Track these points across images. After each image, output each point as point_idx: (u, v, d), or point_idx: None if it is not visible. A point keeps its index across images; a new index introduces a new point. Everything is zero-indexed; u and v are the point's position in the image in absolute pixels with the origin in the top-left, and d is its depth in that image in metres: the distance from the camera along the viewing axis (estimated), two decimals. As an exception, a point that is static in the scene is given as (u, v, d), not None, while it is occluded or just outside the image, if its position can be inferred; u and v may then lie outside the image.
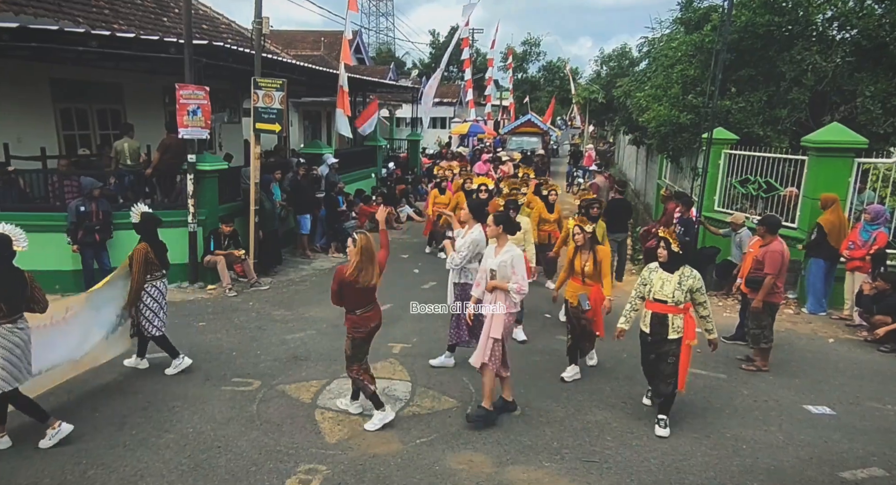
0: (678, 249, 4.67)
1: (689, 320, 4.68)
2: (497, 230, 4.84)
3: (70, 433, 4.42)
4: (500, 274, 4.75)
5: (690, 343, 4.67)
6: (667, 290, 4.67)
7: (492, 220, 4.88)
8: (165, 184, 9.01)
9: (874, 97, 9.25)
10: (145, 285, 5.41)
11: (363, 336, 4.71)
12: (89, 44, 7.59)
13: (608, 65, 25.44)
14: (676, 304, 4.62)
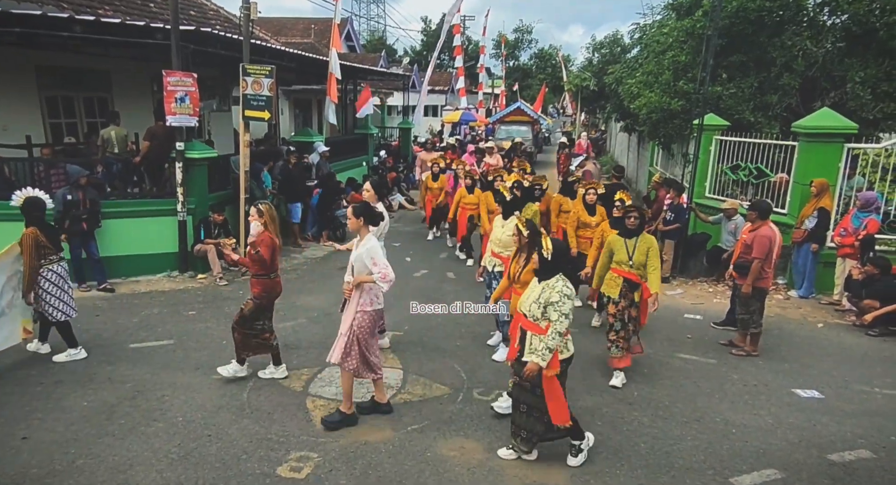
0: (548, 254, 3.95)
1: None
2: (357, 223, 4.49)
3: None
4: (357, 269, 4.43)
5: (549, 374, 3.84)
6: (525, 301, 4.02)
7: (351, 211, 4.52)
8: (154, 172, 8.91)
9: (864, 83, 9.26)
10: (41, 270, 5.40)
11: (267, 300, 5.12)
12: (74, 29, 7.45)
13: (600, 52, 25.30)
14: (534, 320, 3.89)
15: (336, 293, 7.86)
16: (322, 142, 12.67)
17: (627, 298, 5.28)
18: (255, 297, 5.07)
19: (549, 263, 3.96)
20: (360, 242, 4.50)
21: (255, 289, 5.07)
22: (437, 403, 5.01)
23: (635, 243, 5.23)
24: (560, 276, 3.92)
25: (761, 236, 5.94)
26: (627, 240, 5.25)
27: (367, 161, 16.32)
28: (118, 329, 6.40)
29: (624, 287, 5.28)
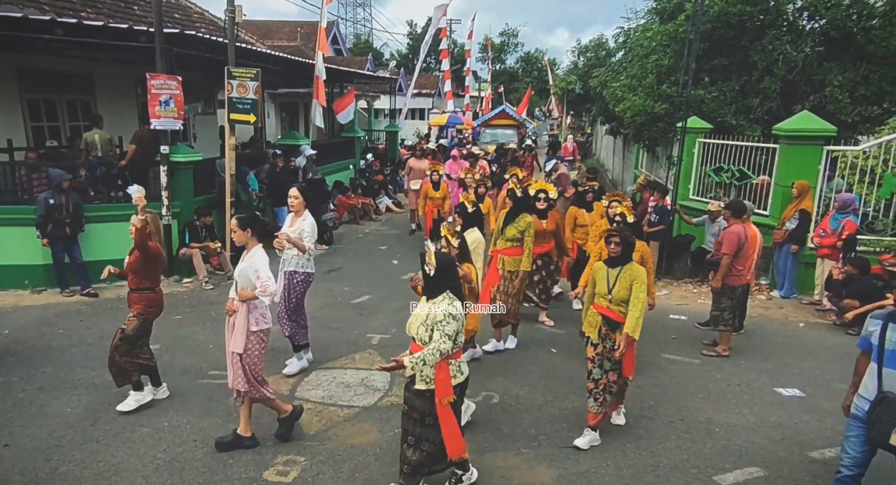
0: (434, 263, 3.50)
1: (443, 369, 3.45)
2: (244, 235, 4.24)
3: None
4: (240, 284, 4.18)
5: (443, 402, 3.47)
6: (413, 323, 3.60)
7: (235, 223, 4.30)
8: (138, 176, 8.84)
9: (842, 86, 9.45)
10: None
11: (153, 316, 4.83)
12: (56, 32, 7.39)
13: (585, 56, 25.55)
14: (423, 344, 3.49)
15: (322, 297, 7.88)
16: (308, 145, 12.64)
17: (609, 339, 4.37)
18: (140, 313, 4.68)
19: (433, 280, 3.52)
20: (247, 256, 4.22)
21: (139, 305, 4.69)
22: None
23: (618, 274, 4.32)
24: (447, 294, 3.49)
25: (730, 233, 6.06)
26: (610, 269, 4.37)
27: (353, 164, 16.31)
28: (102, 334, 6.33)
29: (604, 326, 4.39)
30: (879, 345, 3.35)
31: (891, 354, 3.30)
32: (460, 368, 3.60)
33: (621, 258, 4.37)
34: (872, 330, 3.44)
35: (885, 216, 8.25)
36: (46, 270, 7.70)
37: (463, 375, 3.61)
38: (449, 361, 3.49)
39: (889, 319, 3.36)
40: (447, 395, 3.47)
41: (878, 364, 3.34)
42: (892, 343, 3.30)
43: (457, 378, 3.55)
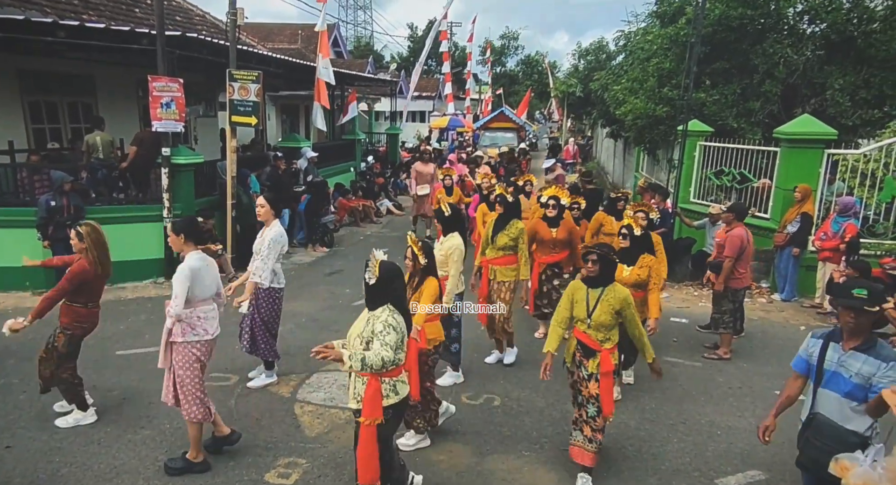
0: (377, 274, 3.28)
1: (371, 385, 3.21)
2: (178, 241, 4.02)
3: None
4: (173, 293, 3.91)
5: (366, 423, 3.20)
6: (351, 335, 3.37)
7: (170, 227, 4.10)
8: (139, 178, 8.86)
9: (843, 90, 9.46)
10: None
11: (82, 333, 4.49)
12: (57, 34, 7.40)
13: (586, 59, 25.52)
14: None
15: (323, 299, 7.88)
16: (309, 147, 12.65)
17: (584, 367, 3.93)
18: (66, 327, 4.38)
19: (373, 290, 3.28)
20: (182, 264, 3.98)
21: (66, 318, 4.37)
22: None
23: (599, 296, 3.87)
24: (388, 306, 3.26)
25: (734, 236, 6.07)
26: (591, 290, 3.92)
27: (354, 167, 16.33)
28: (104, 336, 6.32)
29: (578, 352, 3.97)
30: (818, 365, 3.12)
31: (831, 376, 3.06)
32: (395, 387, 3.28)
33: (601, 278, 3.90)
34: (812, 350, 3.18)
35: (886, 220, 8.25)
36: (47, 273, 7.69)
37: (398, 396, 3.29)
38: (382, 379, 3.21)
39: (829, 338, 3.14)
40: (373, 416, 3.18)
41: (815, 384, 3.14)
42: (831, 363, 3.07)
43: (389, 398, 3.24)
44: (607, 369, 3.86)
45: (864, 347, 2.99)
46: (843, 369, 3.01)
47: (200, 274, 3.97)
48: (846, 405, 3.00)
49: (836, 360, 3.05)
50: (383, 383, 3.22)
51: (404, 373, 3.39)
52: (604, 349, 3.87)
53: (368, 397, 3.19)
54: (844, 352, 3.04)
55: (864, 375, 2.94)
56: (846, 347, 3.04)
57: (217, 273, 4.23)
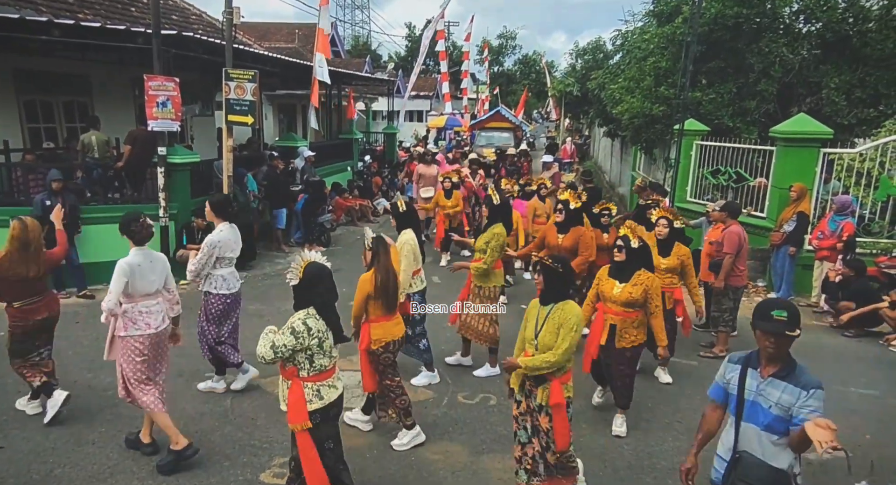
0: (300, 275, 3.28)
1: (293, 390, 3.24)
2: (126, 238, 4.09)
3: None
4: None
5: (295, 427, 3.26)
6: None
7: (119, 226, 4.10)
8: (135, 177, 8.84)
9: (838, 89, 9.48)
10: None
11: (22, 330, 4.46)
12: (52, 33, 7.38)
13: (583, 58, 25.54)
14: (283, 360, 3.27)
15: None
16: (306, 147, 12.64)
17: (533, 397, 3.57)
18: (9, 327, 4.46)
19: (296, 290, 3.27)
20: None
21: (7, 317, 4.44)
22: (422, 407, 5.01)
23: (548, 314, 3.52)
24: (308, 310, 3.22)
25: (731, 233, 6.08)
26: (542, 307, 3.59)
27: (351, 166, 16.32)
28: (99, 336, 6.30)
29: (527, 380, 3.58)
30: (738, 394, 2.74)
31: (752, 407, 2.69)
32: (319, 392, 3.24)
33: (548, 294, 3.53)
34: (730, 377, 2.81)
35: (882, 218, 8.28)
36: (43, 272, 7.67)
37: (322, 400, 3.23)
38: (305, 384, 3.20)
39: (748, 362, 2.77)
40: (299, 421, 3.18)
41: (737, 417, 2.75)
42: (751, 393, 2.70)
43: (313, 404, 3.20)
44: (557, 400, 3.42)
45: (783, 373, 2.64)
46: (762, 398, 2.66)
47: (142, 270, 3.99)
48: (766, 439, 2.65)
49: (755, 388, 2.70)
50: (306, 388, 3.22)
51: (333, 378, 3.35)
52: (554, 378, 3.44)
53: (291, 402, 3.20)
54: (763, 379, 2.68)
55: (784, 405, 2.58)
56: (764, 374, 2.68)
57: (166, 269, 4.22)
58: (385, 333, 4.26)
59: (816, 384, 2.58)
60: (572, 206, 5.87)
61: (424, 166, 11.17)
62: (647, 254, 4.54)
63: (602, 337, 4.50)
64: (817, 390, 2.56)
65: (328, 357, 3.27)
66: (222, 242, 4.96)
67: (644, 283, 4.40)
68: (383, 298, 4.20)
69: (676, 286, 5.53)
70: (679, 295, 5.54)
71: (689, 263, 5.46)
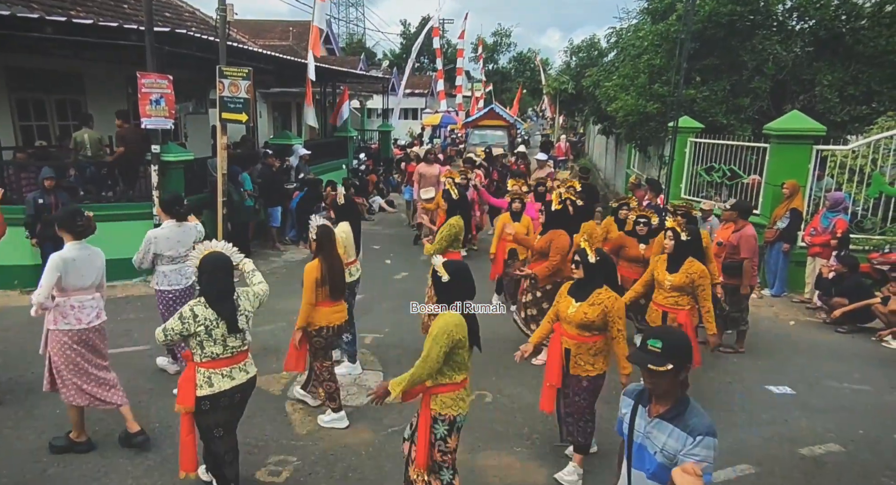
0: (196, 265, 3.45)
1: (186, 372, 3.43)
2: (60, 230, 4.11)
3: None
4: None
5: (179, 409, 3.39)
6: None
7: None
8: (128, 175, 8.80)
9: (831, 86, 9.53)
10: None
11: None
12: (45, 30, 7.32)
13: (577, 56, 25.54)
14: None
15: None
16: (301, 144, 12.60)
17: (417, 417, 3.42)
18: None
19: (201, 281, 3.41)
20: None
21: None
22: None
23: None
24: (199, 299, 3.34)
25: (748, 236, 6.08)
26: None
27: (346, 164, 16.28)
28: (92, 335, 6.29)
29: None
30: (628, 435, 2.43)
31: (639, 450, 2.38)
32: (210, 379, 3.32)
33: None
34: (624, 412, 2.50)
35: (874, 215, 8.32)
36: (36, 271, 7.55)
37: (212, 387, 3.32)
38: (198, 369, 3.32)
39: (639, 398, 2.43)
40: (184, 403, 3.30)
41: (627, 461, 2.45)
42: (640, 434, 2.38)
43: (203, 389, 3.30)
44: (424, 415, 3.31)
45: (671, 414, 2.29)
46: (649, 441, 2.33)
47: (76, 264, 3.99)
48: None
49: (643, 429, 2.37)
50: (199, 373, 3.33)
51: (233, 368, 3.42)
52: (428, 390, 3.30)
53: (181, 382, 3.35)
54: (650, 420, 2.35)
55: (669, 452, 2.25)
56: (652, 414, 2.35)
57: (101, 264, 4.23)
58: (321, 318, 4.47)
59: (706, 430, 2.20)
60: (553, 207, 5.68)
61: (425, 166, 10.88)
62: (609, 269, 4.07)
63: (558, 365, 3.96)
64: (706, 438, 2.19)
65: (221, 346, 3.34)
66: (159, 237, 5.07)
67: (603, 303, 3.77)
68: (329, 285, 4.43)
69: (683, 308, 4.75)
70: (683, 318, 4.71)
71: (703, 284, 4.64)
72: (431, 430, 3.26)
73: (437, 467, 3.32)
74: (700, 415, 2.25)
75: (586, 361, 3.89)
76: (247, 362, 3.53)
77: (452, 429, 3.27)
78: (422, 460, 3.26)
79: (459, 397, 3.28)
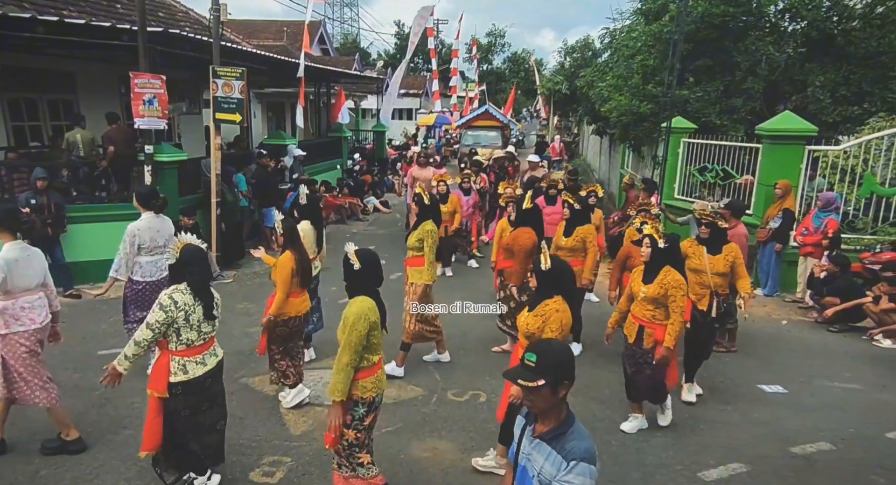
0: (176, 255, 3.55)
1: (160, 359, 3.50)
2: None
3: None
4: None
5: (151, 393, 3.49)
6: None
7: None
8: (121, 175, 8.76)
9: (823, 87, 9.59)
10: None
11: None
12: (36, 30, 7.29)
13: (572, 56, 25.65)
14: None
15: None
16: (295, 145, 12.59)
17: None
18: None
19: (171, 270, 3.54)
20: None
21: None
22: (411, 404, 5.02)
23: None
24: (176, 286, 3.45)
25: (740, 235, 6.11)
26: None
27: (340, 164, 16.27)
28: (85, 336, 6.27)
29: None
30: (514, 456, 2.29)
31: (522, 473, 2.23)
32: (185, 367, 3.43)
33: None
34: (516, 432, 2.36)
35: (865, 215, 8.38)
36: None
37: (187, 374, 3.41)
38: (172, 357, 3.41)
39: (528, 420, 2.28)
40: (156, 388, 3.39)
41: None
42: (524, 456, 2.23)
43: (177, 376, 3.41)
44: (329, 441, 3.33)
45: (551, 435, 2.13)
46: (530, 464, 2.19)
47: (19, 265, 3.92)
48: None
49: (526, 450, 2.23)
50: (173, 361, 3.42)
51: (205, 354, 3.53)
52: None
53: (154, 369, 3.43)
54: (531, 441, 2.21)
55: (545, 478, 2.09)
56: (535, 434, 2.21)
57: (43, 263, 4.19)
58: (292, 308, 4.68)
59: (582, 455, 2.03)
60: (525, 206, 5.71)
61: (419, 169, 10.60)
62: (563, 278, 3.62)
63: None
64: (580, 464, 2.01)
65: (196, 331, 3.45)
66: (141, 229, 5.22)
67: (545, 314, 3.54)
68: (301, 276, 4.65)
69: (660, 324, 4.34)
70: (661, 335, 4.35)
71: (676, 296, 4.25)
72: (351, 413, 3.29)
73: (348, 446, 3.34)
74: (580, 438, 2.09)
75: None
76: (215, 346, 3.68)
77: (370, 409, 3.35)
78: (328, 440, 3.32)
79: (378, 379, 3.34)
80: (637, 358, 4.49)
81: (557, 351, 2.18)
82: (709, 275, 5.15)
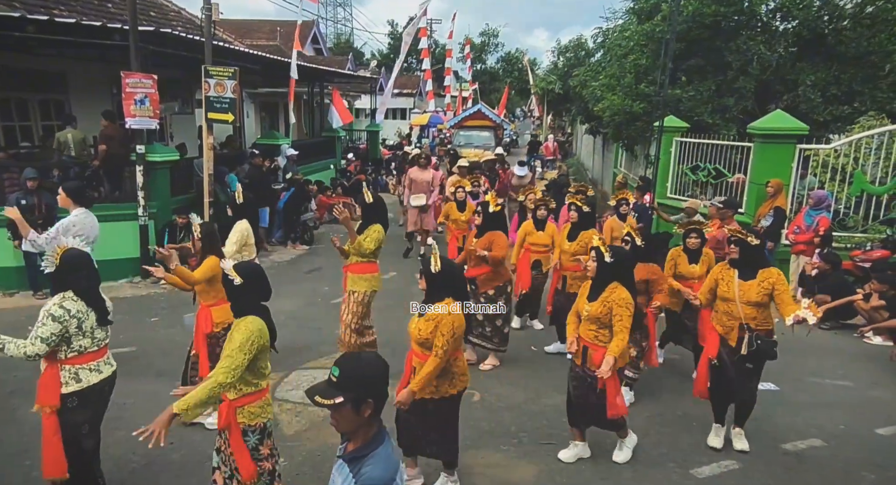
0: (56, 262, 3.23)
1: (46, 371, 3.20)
2: None
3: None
4: None
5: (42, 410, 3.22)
6: None
7: None
8: (113, 175, 8.72)
9: (814, 86, 9.65)
10: None
11: None
12: (26, 29, 7.24)
13: (565, 56, 25.65)
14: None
15: (303, 297, 7.83)
16: (288, 144, 12.56)
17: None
18: None
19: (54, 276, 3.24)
20: None
21: None
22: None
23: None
24: (63, 295, 3.19)
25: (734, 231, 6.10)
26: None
27: (334, 164, 16.25)
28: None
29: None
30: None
31: None
32: (78, 375, 3.21)
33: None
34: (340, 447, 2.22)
35: (856, 213, 8.44)
36: (18, 273, 7.55)
37: (80, 383, 3.21)
38: (62, 366, 3.16)
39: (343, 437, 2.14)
40: (47, 403, 3.13)
41: None
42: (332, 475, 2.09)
43: (69, 386, 3.18)
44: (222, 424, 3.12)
45: (351, 456, 1.98)
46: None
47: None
48: None
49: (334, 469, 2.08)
50: (62, 371, 3.18)
51: (100, 361, 3.32)
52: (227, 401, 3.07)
53: (42, 383, 3.16)
54: (337, 459, 2.08)
55: None
56: (343, 452, 2.07)
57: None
58: (228, 315, 4.22)
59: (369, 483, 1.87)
60: (491, 209, 5.56)
61: (418, 171, 10.08)
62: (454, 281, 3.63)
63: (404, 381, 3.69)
64: None
65: (89, 338, 3.24)
66: (77, 225, 5.13)
67: (435, 320, 3.44)
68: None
69: (602, 345, 3.90)
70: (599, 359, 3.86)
71: (621, 314, 3.81)
72: (244, 443, 3.06)
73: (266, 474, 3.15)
74: (377, 464, 1.89)
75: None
76: (109, 356, 3.45)
77: (264, 436, 3.13)
78: (247, 473, 3.03)
79: (266, 403, 3.13)
80: (582, 381, 4.04)
81: (364, 365, 1.98)
82: (738, 304, 4.27)
